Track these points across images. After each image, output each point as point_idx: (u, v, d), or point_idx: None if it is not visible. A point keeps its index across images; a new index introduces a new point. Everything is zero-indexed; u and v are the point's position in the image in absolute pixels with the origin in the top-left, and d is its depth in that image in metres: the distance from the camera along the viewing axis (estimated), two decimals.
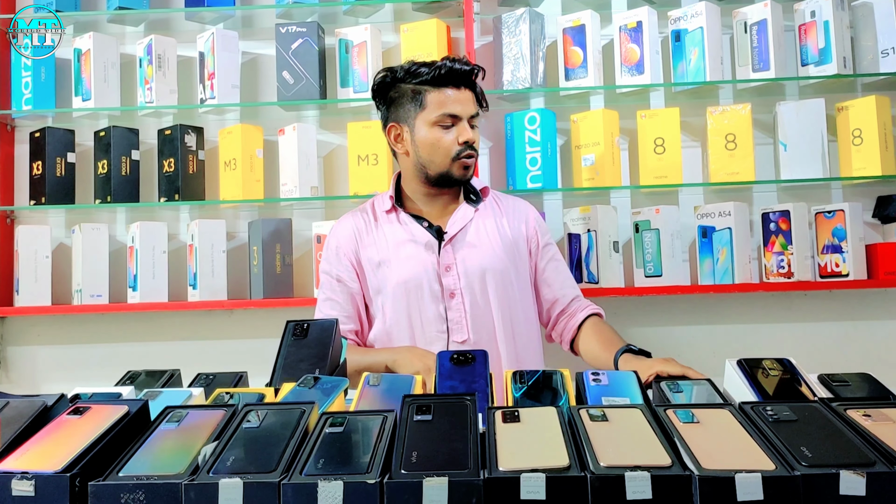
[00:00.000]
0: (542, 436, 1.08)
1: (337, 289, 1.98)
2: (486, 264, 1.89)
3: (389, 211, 1.98)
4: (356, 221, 2.01)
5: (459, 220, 1.93)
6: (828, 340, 2.62)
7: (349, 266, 1.97)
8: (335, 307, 1.97)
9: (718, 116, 2.52)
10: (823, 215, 2.50)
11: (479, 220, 1.95)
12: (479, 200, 1.98)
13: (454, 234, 1.91)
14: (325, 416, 1.17)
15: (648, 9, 2.54)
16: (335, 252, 2.00)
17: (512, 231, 1.97)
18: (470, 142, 1.87)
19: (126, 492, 1.00)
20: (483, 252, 1.90)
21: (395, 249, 1.92)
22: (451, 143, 1.87)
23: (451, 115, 1.87)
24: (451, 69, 1.88)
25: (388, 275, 1.91)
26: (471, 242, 1.91)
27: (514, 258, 1.94)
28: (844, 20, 2.51)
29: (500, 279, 1.89)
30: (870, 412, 1.15)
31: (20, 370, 2.79)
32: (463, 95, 1.88)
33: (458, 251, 1.89)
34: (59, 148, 2.69)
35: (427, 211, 1.98)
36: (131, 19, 2.78)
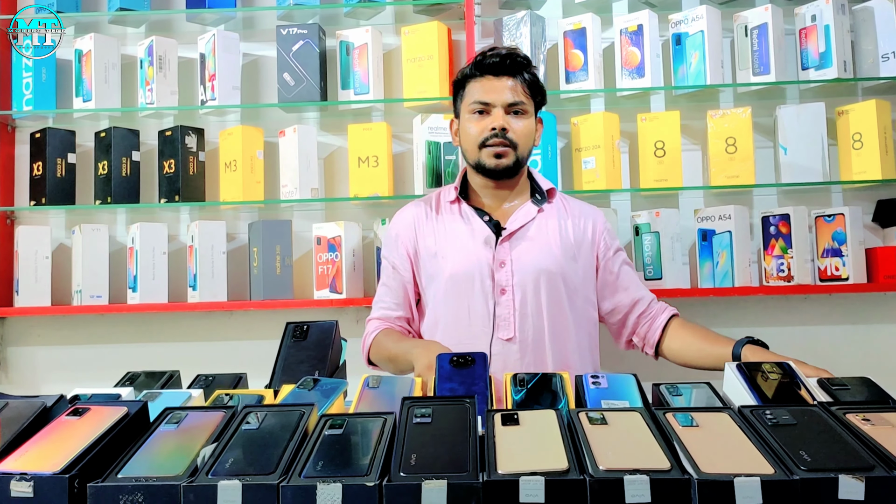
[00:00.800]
0: (542, 439, 1.08)
1: (392, 276, 1.99)
2: (541, 264, 1.85)
3: (453, 202, 1.96)
4: (418, 211, 2.00)
5: (521, 217, 1.90)
6: (827, 344, 2.61)
7: (405, 255, 1.97)
8: (388, 293, 1.99)
9: (719, 120, 2.52)
10: (823, 219, 2.50)
11: (541, 220, 1.91)
12: (544, 200, 1.95)
13: (513, 231, 1.88)
14: (325, 418, 1.17)
15: (649, 12, 2.55)
16: (394, 240, 2.00)
17: (575, 234, 1.93)
18: (498, 128, 1.82)
19: (125, 493, 1.00)
20: (540, 252, 1.87)
21: (452, 241, 1.91)
22: (480, 131, 1.85)
23: (481, 103, 1.85)
24: (483, 57, 1.87)
25: (442, 266, 1.89)
26: (529, 241, 1.88)
27: (573, 261, 1.90)
28: (845, 24, 2.51)
29: (553, 280, 1.86)
30: (869, 416, 1.15)
31: (20, 371, 2.79)
32: (499, 84, 1.85)
33: (514, 248, 1.87)
34: (60, 148, 2.69)
35: (490, 205, 1.95)
36: (132, 20, 2.79)
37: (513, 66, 1.86)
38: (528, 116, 1.88)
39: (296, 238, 2.67)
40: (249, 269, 2.64)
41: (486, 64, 1.86)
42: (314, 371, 1.65)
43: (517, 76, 1.87)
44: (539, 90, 1.92)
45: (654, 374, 1.92)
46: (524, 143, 1.87)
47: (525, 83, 1.87)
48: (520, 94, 1.86)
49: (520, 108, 1.86)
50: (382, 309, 1.99)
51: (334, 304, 2.56)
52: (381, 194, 2.58)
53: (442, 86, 2.58)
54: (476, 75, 1.88)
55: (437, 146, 2.56)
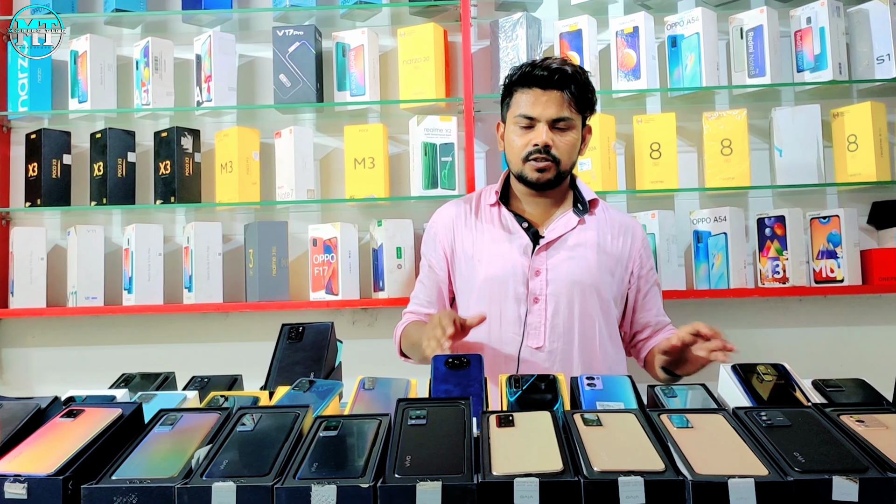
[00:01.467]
0: (537, 440, 1.08)
1: (427, 274, 2.00)
2: (577, 276, 1.83)
3: (493, 205, 1.95)
4: (458, 210, 1.99)
5: (561, 227, 1.88)
6: (822, 346, 2.62)
7: (441, 255, 1.97)
8: (422, 291, 2.01)
9: (714, 122, 2.53)
10: (818, 221, 2.50)
11: (581, 231, 1.89)
12: (585, 211, 1.92)
13: (551, 241, 1.86)
14: (320, 420, 1.17)
15: (645, 14, 2.55)
16: (432, 238, 2.01)
17: (613, 248, 1.91)
18: (541, 145, 1.80)
19: (119, 495, 1.00)
20: (577, 263, 1.85)
21: (489, 245, 1.90)
22: (523, 145, 1.83)
23: (526, 117, 1.82)
24: (530, 69, 1.83)
25: (477, 269, 1.89)
26: (567, 251, 1.86)
27: (609, 275, 1.88)
28: (840, 27, 2.52)
29: (588, 293, 1.84)
30: (863, 418, 1.15)
31: (14, 372, 2.78)
32: (546, 97, 1.80)
33: (551, 258, 1.85)
34: (55, 149, 2.69)
35: (530, 212, 1.93)
36: (128, 21, 2.78)
37: (560, 81, 1.81)
38: (572, 131, 1.84)
39: (292, 239, 2.67)
40: (245, 270, 2.64)
41: (535, 76, 1.82)
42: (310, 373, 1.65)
43: (564, 90, 1.82)
44: (588, 103, 1.86)
45: (649, 375, 1.93)
46: (567, 158, 1.84)
47: (572, 97, 1.82)
48: (565, 110, 1.81)
49: (565, 123, 1.82)
50: (416, 304, 2.01)
51: (330, 306, 2.56)
52: (377, 196, 2.58)
53: (438, 87, 2.58)
54: (523, 86, 1.85)
55: (433, 147, 2.56)
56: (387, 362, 2.03)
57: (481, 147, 2.70)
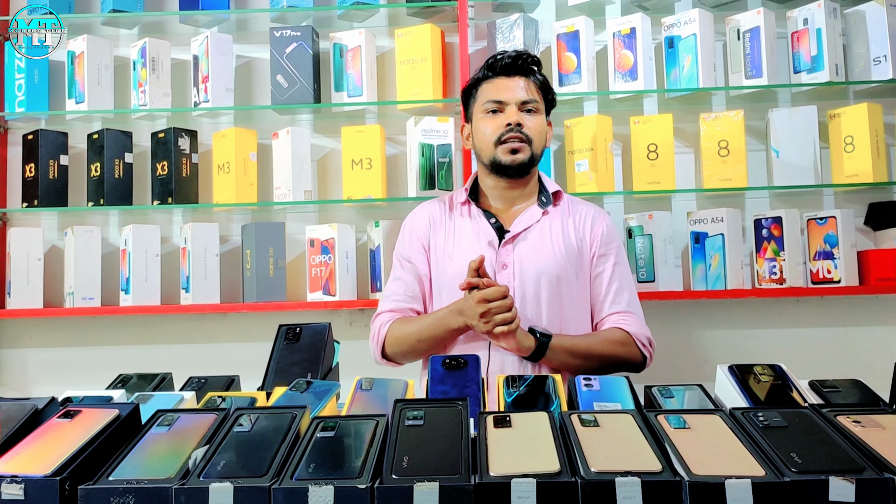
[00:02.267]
0: (534, 441, 1.08)
1: (407, 268, 1.98)
2: (543, 267, 1.86)
3: (464, 203, 1.98)
4: (433, 209, 2.02)
5: (525, 220, 1.91)
6: (819, 347, 2.62)
7: (421, 249, 1.97)
8: (401, 286, 1.97)
9: (711, 123, 2.53)
10: (815, 222, 2.50)
11: (546, 223, 1.92)
12: (549, 203, 1.95)
13: (516, 234, 1.89)
14: (317, 421, 1.17)
15: (642, 15, 2.55)
16: (409, 234, 2.01)
17: (577, 237, 1.93)
18: (513, 123, 1.85)
19: (116, 496, 1.00)
20: (542, 255, 1.87)
21: (459, 242, 1.92)
22: (496, 128, 1.87)
23: (496, 101, 1.88)
24: (494, 60, 1.92)
25: (447, 265, 1.91)
26: (532, 244, 1.89)
27: (575, 265, 1.90)
28: (837, 28, 2.52)
29: (555, 284, 1.86)
30: (860, 419, 1.16)
31: (11, 373, 2.78)
32: (512, 83, 1.89)
33: (516, 250, 1.88)
34: (52, 150, 2.68)
35: (497, 208, 1.97)
36: (125, 22, 2.78)
37: (524, 66, 1.91)
38: (540, 115, 1.91)
39: (289, 240, 2.67)
40: (242, 271, 2.63)
41: (499, 65, 1.91)
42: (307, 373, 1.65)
43: (529, 76, 1.92)
44: (549, 91, 1.96)
45: (646, 376, 1.93)
46: (538, 139, 1.90)
47: (537, 83, 1.92)
48: (532, 93, 1.90)
49: (532, 105, 1.89)
50: (394, 301, 1.95)
51: (327, 307, 2.56)
52: (374, 196, 2.58)
53: (435, 88, 2.58)
54: (489, 76, 1.93)
55: (430, 148, 2.56)
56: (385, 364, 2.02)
57: None
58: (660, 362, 1.97)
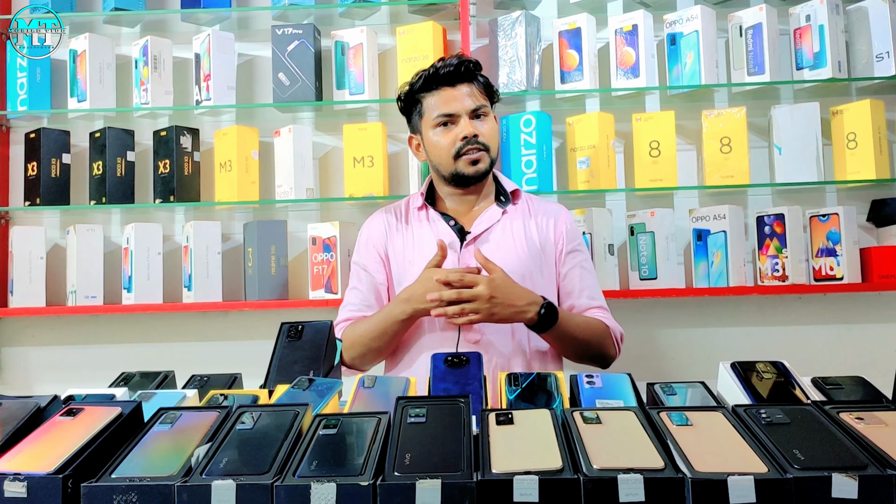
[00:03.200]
0: (536, 438, 1.08)
1: (362, 277, 1.97)
2: (507, 266, 1.81)
3: (420, 208, 1.97)
4: (388, 217, 2.01)
5: (486, 220, 1.90)
6: (822, 344, 2.62)
7: (377, 257, 1.96)
8: (357, 295, 1.96)
9: (713, 120, 2.52)
10: (818, 219, 2.50)
11: (506, 222, 1.92)
12: (508, 202, 1.95)
13: (477, 235, 1.88)
14: (319, 418, 1.16)
15: (644, 12, 2.55)
16: (365, 243, 2.00)
17: (539, 235, 1.93)
18: (469, 136, 1.83)
19: (119, 493, 1.00)
20: (505, 254, 1.86)
21: (420, 246, 1.91)
22: (451, 142, 1.85)
23: (446, 115, 1.85)
24: (435, 71, 1.87)
25: (410, 271, 1.89)
26: (494, 244, 1.88)
27: (538, 263, 1.90)
28: (839, 24, 2.52)
29: (519, 282, 1.82)
30: (863, 415, 1.15)
31: (14, 371, 2.78)
32: (458, 92, 1.85)
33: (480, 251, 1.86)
34: (55, 149, 2.69)
35: (455, 210, 1.95)
36: (127, 20, 2.78)
37: (467, 73, 1.87)
38: (489, 117, 1.89)
39: (291, 238, 2.67)
40: (244, 269, 2.63)
41: (441, 76, 1.86)
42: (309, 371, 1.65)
43: (473, 81, 1.88)
44: (492, 90, 1.93)
45: (649, 373, 1.93)
46: (494, 143, 1.88)
47: (480, 86, 1.89)
48: (479, 98, 1.87)
49: (482, 111, 1.87)
50: (350, 311, 1.95)
51: (329, 305, 2.55)
52: (376, 194, 2.58)
53: None
54: (431, 89, 1.88)
55: None
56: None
57: None
58: (662, 359, 1.98)
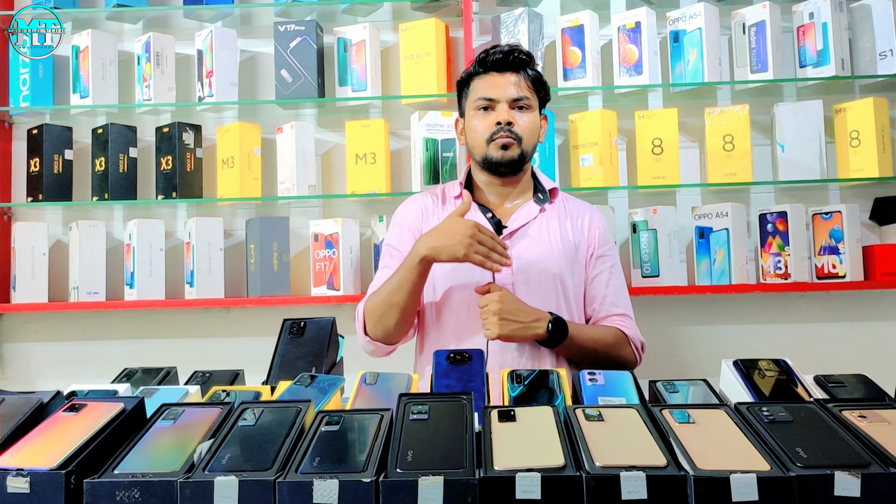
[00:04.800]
0: (538, 435, 1.08)
1: (395, 257, 1.94)
2: (542, 265, 1.84)
3: (457, 196, 1.96)
4: (425, 200, 2.00)
5: (523, 216, 1.90)
6: (824, 341, 2.62)
7: (411, 239, 1.92)
8: (387, 274, 1.92)
9: (716, 117, 2.52)
10: (821, 216, 2.50)
11: (542, 220, 1.91)
12: (546, 200, 1.94)
13: (514, 230, 1.88)
14: (322, 415, 1.17)
15: (647, 9, 2.55)
16: (400, 225, 1.99)
17: (574, 235, 1.92)
18: (504, 122, 1.83)
19: (121, 489, 1.00)
20: (541, 252, 1.86)
21: None
22: (487, 126, 1.85)
23: (486, 99, 1.85)
24: (486, 55, 1.88)
25: None
26: (530, 240, 1.88)
27: (571, 263, 1.89)
28: (843, 22, 2.51)
29: (553, 281, 1.84)
30: (865, 413, 1.15)
31: (16, 367, 2.79)
32: (503, 80, 1.85)
33: (514, 246, 1.86)
34: (57, 145, 2.69)
35: (493, 203, 1.95)
36: (130, 17, 2.78)
37: (516, 62, 1.87)
38: (532, 111, 1.88)
39: (293, 235, 2.67)
40: (247, 265, 2.64)
41: (490, 61, 1.87)
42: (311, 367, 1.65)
43: (521, 72, 1.87)
44: (542, 86, 1.92)
45: (651, 371, 1.93)
46: (529, 136, 1.87)
47: (529, 79, 1.88)
48: (524, 90, 1.86)
49: (524, 102, 1.86)
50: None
51: (331, 301, 2.56)
52: (378, 191, 2.58)
53: (440, 83, 2.58)
54: (480, 73, 1.89)
55: (434, 143, 2.56)
56: (388, 358, 2.02)
57: None
58: (664, 357, 1.97)
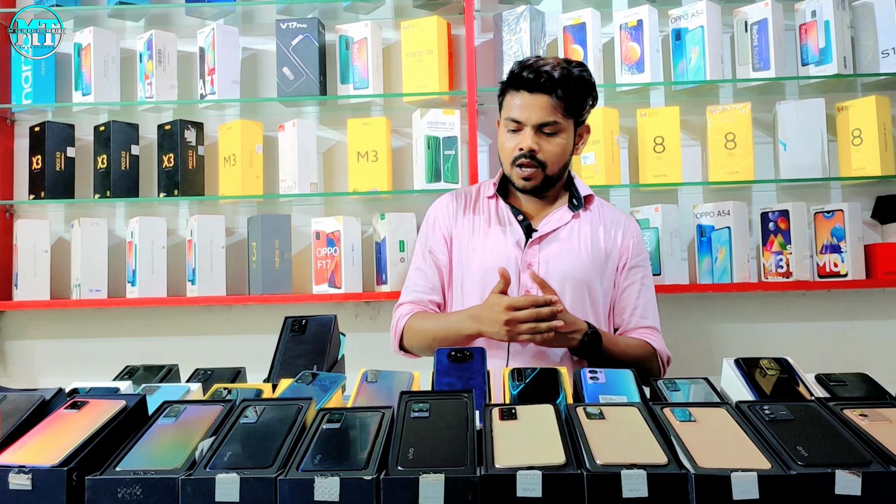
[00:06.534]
0: (539, 433, 1.08)
1: (428, 259, 1.95)
2: (568, 270, 1.82)
3: (491, 197, 1.95)
4: (457, 201, 1.98)
5: (554, 221, 1.87)
6: (826, 340, 2.62)
7: (442, 240, 1.94)
8: (422, 277, 1.94)
9: (718, 115, 2.52)
10: (822, 215, 2.50)
11: (574, 226, 1.88)
12: (580, 206, 1.91)
13: (544, 235, 1.86)
14: (323, 413, 1.17)
15: (649, 7, 2.54)
16: (432, 225, 1.98)
17: (606, 242, 1.90)
18: (526, 150, 1.78)
19: (123, 486, 1.00)
20: (569, 258, 1.84)
21: (485, 236, 1.89)
22: (511, 149, 1.82)
23: (513, 120, 1.81)
24: (520, 70, 1.80)
25: (472, 258, 1.88)
26: (560, 245, 1.85)
27: (601, 270, 1.87)
28: (845, 20, 2.51)
29: (578, 287, 1.83)
30: (866, 412, 1.15)
31: (18, 364, 2.79)
32: (533, 101, 1.77)
33: (543, 251, 1.84)
34: (59, 142, 2.69)
35: (526, 206, 1.93)
36: (131, 14, 2.78)
37: (547, 84, 1.77)
38: (562, 134, 1.80)
39: (295, 232, 2.67)
40: (248, 263, 2.64)
41: (523, 78, 1.79)
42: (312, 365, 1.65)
43: (552, 94, 1.77)
44: (578, 105, 1.81)
45: None
46: (554, 162, 1.81)
47: (560, 100, 1.77)
48: (551, 114, 1.77)
49: (551, 127, 1.79)
50: (415, 292, 1.94)
51: (333, 299, 2.56)
52: (380, 189, 2.58)
53: (441, 80, 2.58)
54: (513, 87, 1.82)
55: (436, 141, 2.56)
56: (390, 355, 2.03)
57: (484, 140, 2.70)
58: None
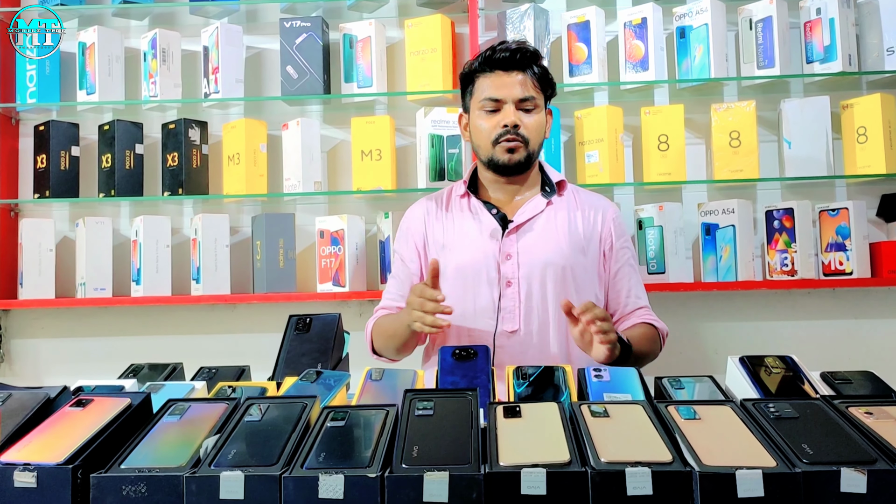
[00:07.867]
0: (544, 431, 1.08)
1: (400, 268, 1.99)
2: (548, 257, 1.84)
3: (463, 196, 1.96)
4: (428, 205, 2.01)
5: (529, 210, 1.89)
6: (831, 338, 2.61)
7: (413, 248, 1.97)
8: (395, 285, 1.99)
9: (723, 113, 2.51)
10: (827, 213, 2.49)
11: (550, 213, 1.90)
12: (553, 193, 1.93)
13: (520, 224, 1.87)
14: (327, 411, 1.17)
15: (653, 5, 2.54)
16: (404, 233, 2.01)
17: (584, 227, 1.92)
18: (510, 125, 1.81)
19: (128, 484, 1.00)
20: (547, 245, 1.86)
21: (460, 234, 1.91)
22: (493, 128, 1.84)
23: (492, 99, 1.84)
24: (492, 53, 1.86)
25: (449, 258, 1.89)
26: (537, 234, 1.87)
27: (581, 255, 1.89)
28: (850, 18, 2.50)
29: (560, 274, 1.84)
30: (872, 410, 1.15)
31: (23, 363, 2.80)
32: (510, 79, 1.83)
33: (520, 240, 1.86)
34: (64, 141, 2.70)
35: (499, 199, 1.94)
36: (136, 13, 2.78)
37: (522, 61, 1.85)
38: (538, 111, 1.87)
39: (299, 231, 2.67)
40: (252, 262, 2.64)
41: (496, 59, 1.85)
42: (317, 364, 1.66)
43: (527, 70, 1.85)
44: (549, 83, 1.91)
45: (657, 368, 1.92)
46: (535, 138, 1.86)
47: (535, 77, 1.86)
48: (530, 89, 1.84)
49: (531, 104, 1.85)
50: (387, 299, 1.98)
51: (337, 298, 2.56)
52: (384, 188, 2.58)
53: (445, 79, 2.58)
54: (486, 70, 1.87)
55: (440, 139, 2.56)
56: None
57: None
58: (670, 354, 1.97)
